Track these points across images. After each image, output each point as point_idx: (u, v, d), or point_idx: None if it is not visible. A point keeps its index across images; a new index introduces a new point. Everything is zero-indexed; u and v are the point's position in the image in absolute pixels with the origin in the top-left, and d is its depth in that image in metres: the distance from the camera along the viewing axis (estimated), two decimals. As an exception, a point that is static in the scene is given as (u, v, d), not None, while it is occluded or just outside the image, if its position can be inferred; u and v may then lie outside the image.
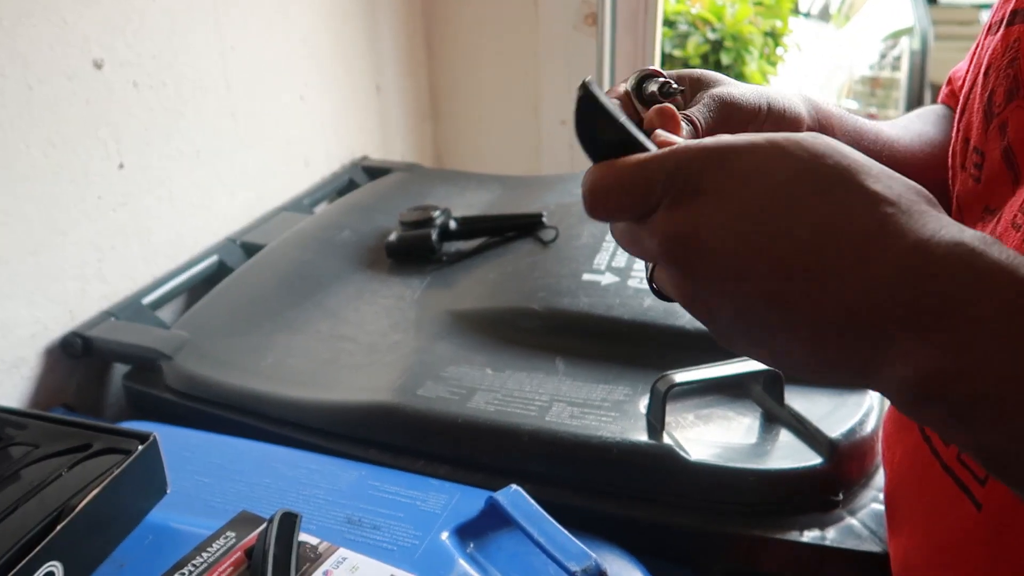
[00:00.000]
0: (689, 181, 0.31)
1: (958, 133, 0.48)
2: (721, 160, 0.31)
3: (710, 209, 0.30)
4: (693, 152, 0.31)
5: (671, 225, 0.31)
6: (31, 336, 0.80)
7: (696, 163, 0.31)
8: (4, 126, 0.75)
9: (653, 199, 0.32)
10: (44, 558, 0.49)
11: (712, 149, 0.31)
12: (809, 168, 0.30)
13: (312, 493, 0.62)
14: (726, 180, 0.30)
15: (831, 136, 0.47)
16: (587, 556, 0.53)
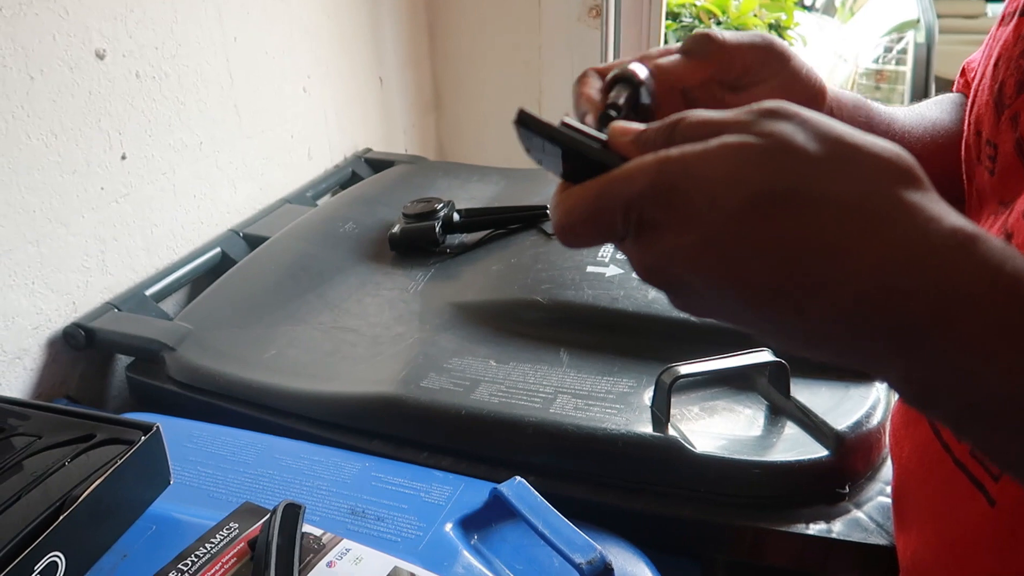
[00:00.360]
0: (644, 215, 0.30)
1: (970, 126, 0.47)
2: (671, 189, 0.29)
3: (672, 242, 0.29)
4: (641, 183, 0.30)
5: (639, 255, 0.31)
6: (34, 327, 0.80)
7: (647, 196, 0.29)
8: (6, 116, 0.74)
9: (617, 234, 0.31)
10: (46, 548, 0.49)
11: (657, 178, 0.29)
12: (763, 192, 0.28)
13: (315, 484, 0.62)
14: (680, 213, 0.29)
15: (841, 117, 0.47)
16: (592, 548, 0.53)
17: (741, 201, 0.28)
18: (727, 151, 0.28)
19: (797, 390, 0.67)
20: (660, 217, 0.29)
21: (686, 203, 0.29)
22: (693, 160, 0.29)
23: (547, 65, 1.50)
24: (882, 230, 0.27)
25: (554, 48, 1.48)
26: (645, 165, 0.30)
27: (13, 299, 0.77)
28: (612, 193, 0.30)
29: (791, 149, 0.28)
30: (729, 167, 0.28)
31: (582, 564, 0.52)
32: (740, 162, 0.28)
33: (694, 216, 0.29)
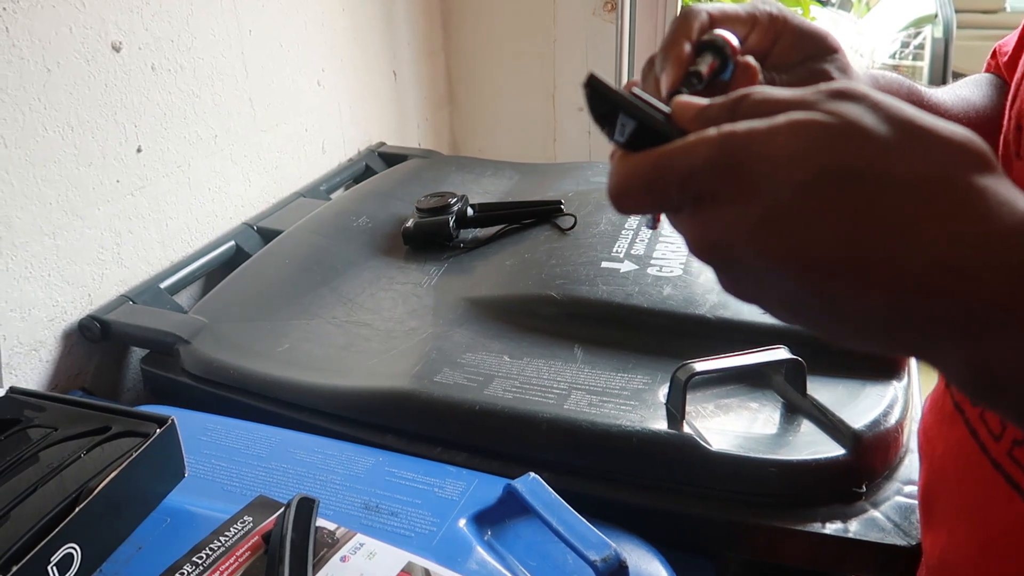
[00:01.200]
0: (702, 186, 0.29)
1: (1010, 120, 0.46)
2: (733, 163, 0.28)
3: (732, 215, 0.29)
4: (702, 155, 0.29)
5: (693, 232, 0.30)
6: (50, 319, 0.81)
7: (707, 168, 0.29)
8: (23, 108, 0.74)
9: (673, 204, 0.30)
10: (62, 540, 0.49)
11: (719, 152, 0.29)
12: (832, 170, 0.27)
13: (329, 479, 0.62)
14: (741, 187, 0.28)
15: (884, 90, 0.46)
16: (607, 545, 0.53)
17: (807, 176, 0.27)
18: (794, 128, 0.28)
19: (814, 388, 0.66)
20: (720, 190, 0.29)
21: (749, 177, 0.28)
22: (758, 135, 0.28)
23: (561, 59, 1.50)
24: (952, 210, 0.26)
25: (568, 42, 1.47)
26: (708, 138, 0.29)
27: (29, 291, 0.78)
28: (672, 162, 0.30)
29: (860, 130, 0.28)
30: (795, 144, 0.28)
31: (597, 561, 0.52)
32: (808, 139, 0.28)
33: (756, 189, 0.28)
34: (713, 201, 0.29)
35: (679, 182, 0.29)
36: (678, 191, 0.30)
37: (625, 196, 0.31)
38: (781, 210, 0.27)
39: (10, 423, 0.59)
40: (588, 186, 1.12)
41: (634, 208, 0.32)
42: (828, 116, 0.28)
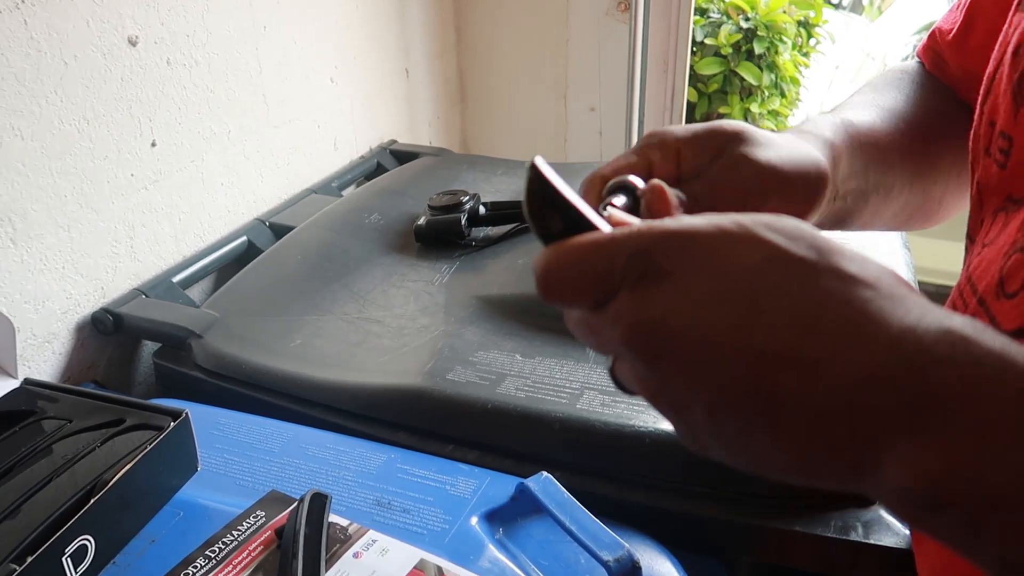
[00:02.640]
0: (653, 263, 0.29)
1: (982, 115, 0.45)
2: (688, 242, 0.29)
3: (678, 293, 0.28)
4: (656, 233, 0.29)
5: (634, 311, 0.29)
6: (63, 312, 0.81)
7: (660, 244, 0.29)
8: (40, 101, 0.75)
9: (613, 283, 0.29)
10: (77, 532, 0.49)
11: (677, 231, 0.29)
12: (781, 251, 0.28)
13: (341, 475, 0.62)
14: (695, 263, 0.28)
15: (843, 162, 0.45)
16: (620, 546, 0.53)
17: (758, 259, 0.28)
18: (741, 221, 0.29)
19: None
20: (672, 266, 0.28)
21: (702, 255, 0.28)
22: (703, 222, 0.29)
23: (573, 59, 1.49)
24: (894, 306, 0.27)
25: (581, 42, 1.47)
26: (663, 222, 0.30)
27: (44, 283, 0.78)
28: (619, 240, 0.29)
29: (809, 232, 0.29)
30: (745, 232, 0.28)
31: (610, 561, 0.52)
32: (756, 229, 0.28)
33: (709, 267, 0.28)
34: (660, 276, 0.28)
35: (627, 254, 0.29)
36: (624, 265, 0.29)
37: (563, 273, 0.30)
38: (732, 289, 0.27)
39: (25, 414, 0.59)
40: (600, 186, 1.11)
41: (568, 287, 0.30)
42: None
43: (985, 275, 0.41)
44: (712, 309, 0.27)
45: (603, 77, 1.49)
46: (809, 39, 2.20)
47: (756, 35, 1.92)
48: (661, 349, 0.29)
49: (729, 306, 0.27)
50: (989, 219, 0.44)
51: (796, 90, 2.08)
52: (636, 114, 1.48)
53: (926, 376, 0.25)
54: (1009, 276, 0.39)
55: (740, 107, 1.99)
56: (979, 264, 0.42)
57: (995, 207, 0.44)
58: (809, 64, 2.18)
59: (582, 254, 0.30)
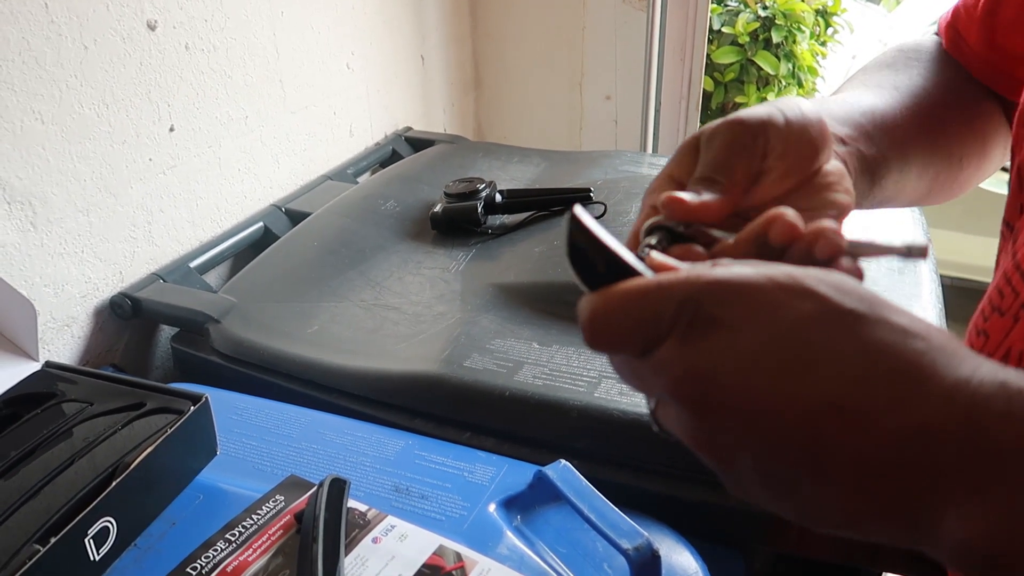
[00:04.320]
0: (701, 312, 0.28)
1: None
2: (739, 292, 0.28)
3: (729, 344, 0.28)
4: (707, 282, 0.29)
5: (683, 361, 0.29)
6: (82, 295, 0.81)
7: (711, 293, 0.28)
8: (60, 85, 0.75)
9: (661, 330, 0.29)
10: (99, 514, 0.50)
11: (728, 281, 0.29)
12: (832, 304, 0.28)
13: (359, 460, 0.62)
14: (745, 313, 0.28)
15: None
16: (639, 534, 0.52)
17: (809, 310, 0.27)
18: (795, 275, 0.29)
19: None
20: (723, 315, 0.28)
21: (753, 305, 0.28)
22: (757, 274, 0.29)
23: (589, 47, 1.49)
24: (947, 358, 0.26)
25: (597, 30, 1.46)
26: (711, 270, 0.29)
27: (63, 267, 0.78)
28: (669, 287, 0.29)
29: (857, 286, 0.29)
30: (797, 284, 0.28)
31: (629, 550, 0.51)
32: (808, 282, 0.28)
33: (761, 318, 0.28)
34: (710, 326, 0.28)
35: (676, 305, 0.29)
36: (674, 312, 0.29)
37: (610, 320, 0.30)
38: (782, 339, 0.27)
39: (46, 397, 0.59)
40: (617, 175, 1.11)
41: (616, 334, 0.30)
42: None
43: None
44: (763, 361, 0.27)
45: (619, 66, 1.48)
46: (827, 28, 2.18)
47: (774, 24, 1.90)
48: (710, 400, 0.28)
49: (780, 358, 0.27)
50: None
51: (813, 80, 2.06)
52: (652, 103, 1.47)
53: (984, 432, 0.25)
54: None
55: (757, 96, 1.98)
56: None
57: None
58: (827, 53, 2.16)
59: (629, 301, 0.30)
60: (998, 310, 0.44)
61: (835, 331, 0.27)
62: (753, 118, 0.39)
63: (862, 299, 0.28)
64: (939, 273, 0.84)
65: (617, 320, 0.30)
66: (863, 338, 0.27)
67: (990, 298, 0.46)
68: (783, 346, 0.27)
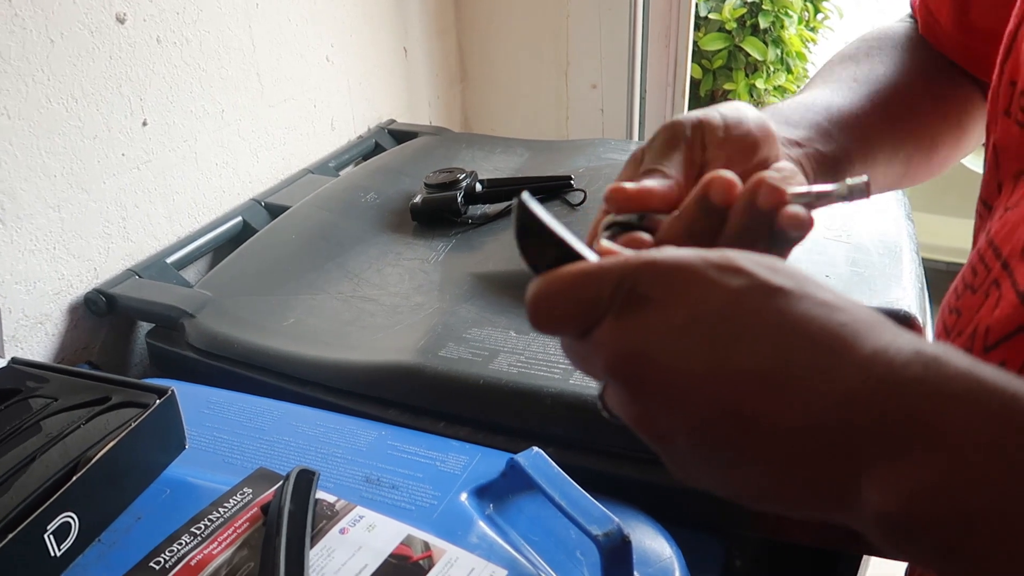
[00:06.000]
0: (635, 292, 0.29)
1: (1001, 75, 0.44)
2: (671, 270, 0.29)
3: (660, 319, 0.29)
4: (642, 262, 0.30)
5: (617, 338, 0.29)
6: (55, 292, 0.80)
7: (645, 273, 0.29)
8: (27, 79, 0.74)
9: (599, 310, 0.30)
10: (59, 509, 0.49)
11: (662, 260, 0.30)
12: (760, 280, 0.28)
13: (330, 452, 0.62)
14: (676, 290, 0.29)
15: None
16: (610, 520, 0.52)
17: (737, 287, 0.28)
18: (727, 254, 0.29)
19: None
20: (655, 293, 0.29)
21: (684, 283, 0.29)
22: (691, 254, 0.30)
23: (574, 35, 1.47)
24: (868, 330, 0.27)
25: (581, 17, 1.45)
26: (646, 252, 0.30)
27: (35, 264, 0.77)
28: (606, 268, 0.30)
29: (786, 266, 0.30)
30: (729, 263, 0.29)
31: (599, 536, 0.51)
32: (737, 260, 0.29)
33: (690, 294, 0.28)
34: (643, 304, 0.29)
35: (612, 285, 0.29)
36: (610, 295, 0.29)
37: (551, 302, 0.31)
38: (710, 315, 0.28)
39: (11, 393, 0.59)
40: (599, 162, 1.10)
41: (557, 315, 0.31)
42: None
43: (1010, 238, 0.40)
44: (690, 336, 0.28)
45: (604, 53, 1.47)
46: (816, 14, 2.16)
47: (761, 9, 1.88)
48: (641, 377, 0.29)
49: (707, 333, 0.28)
50: (1010, 182, 0.43)
51: (803, 65, 2.04)
52: (637, 91, 1.46)
53: (898, 397, 0.25)
54: None
55: (745, 83, 1.97)
56: (1003, 227, 0.42)
57: (1016, 170, 0.42)
58: (817, 40, 2.15)
59: (569, 283, 0.30)
60: (971, 287, 0.43)
61: (761, 305, 0.28)
62: (690, 116, 0.41)
63: (790, 277, 0.29)
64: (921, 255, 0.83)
65: (557, 302, 0.31)
66: (788, 311, 0.28)
67: (963, 276, 0.45)
68: (711, 321, 0.28)
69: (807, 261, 0.78)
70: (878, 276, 0.74)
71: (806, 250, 0.80)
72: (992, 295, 0.41)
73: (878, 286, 0.71)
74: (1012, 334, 0.38)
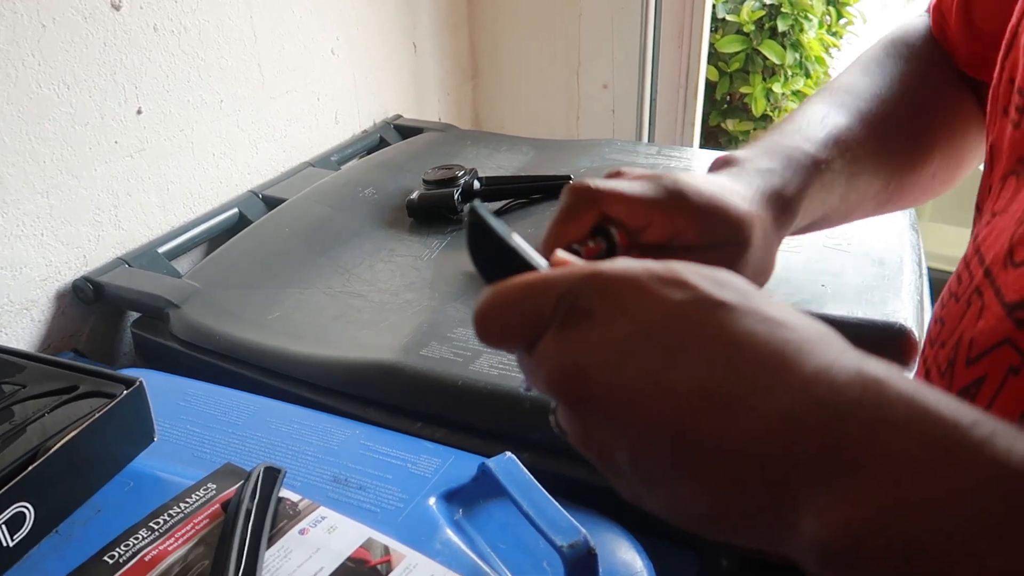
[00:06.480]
0: (577, 305, 0.28)
1: (1002, 73, 0.42)
2: (613, 283, 0.28)
3: (600, 334, 0.27)
4: (584, 275, 0.29)
5: (557, 351, 0.28)
6: (42, 279, 0.80)
7: (588, 286, 0.28)
8: (16, 64, 0.73)
9: (541, 323, 0.29)
10: (13, 499, 0.48)
11: (604, 272, 0.28)
12: (703, 294, 0.27)
13: (302, 449, 0.61)
14: (618, 304, 0.28)
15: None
16: (576, 531, 0.50)
17: (679, 301, 0.27)
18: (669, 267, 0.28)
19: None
20: (596, 307, 0.28)
21: (625, 296, 0.28)
22: (636, 266, 0.29)
23: (586, 35, 1.45)
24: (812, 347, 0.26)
25: (594, 17, 1.43)
26: (589, 264, 0.30)
27: (21, 249, 0.77)
28: (550, 280, 0.29)
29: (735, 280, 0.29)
30: (669, 275, 0.28)
31: (563, 547, 0.49)
32: (684, 274, 0.28)
33: (631, 309, 0.27)
34: (584, 318, 0.28)
35: (558, 294, 0.29)
36: (552, 309, 0.29)
37: (496, 313, 0.30)
38: (650, 330, 0.27)
39: (-21, 379, 0.58)
40: (603, 163, 1.08)
41: (501, 329, 0.30)
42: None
43: (995, 244, 0.39)
44: (630, 351, 0.27)
45: (616, 53, 1.44)
46: (839, 19, 2.12)
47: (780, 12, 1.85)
48: (581, 393, 0.28)
49: (646, 348, 0.27)
50: (998, 185, 0.42)
51: (823, 70, 2.01)
52: (648, 92, 1.44)
53: (834, 422, 0.24)
54: (1019, 244, 0.36)
55: (762, 87, 1.93)
56: (989, 233, 0.40)
57: (1005, 171, 0.41)
58: (840, 45, 2.11)
59: (514, 294, 0.29)
60: (955, 296, 0.42)
61: (704, 320, 0.27)
62: None
63: (736, 291, 0.28)
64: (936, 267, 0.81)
65: (501, 314, 0.30)
66: (731, 327, 0.26)
67: (949, 285, 0.44)
68: (651, 336, 0.27)
69: (803, 269, 0.75)
70: (876, 287, 0.71)
71: (804, 258, 0.78)
72: (974, 304, 0.39)
73: (875, 297, 0.69)
74: (994, 347, 0.36)
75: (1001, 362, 0.36)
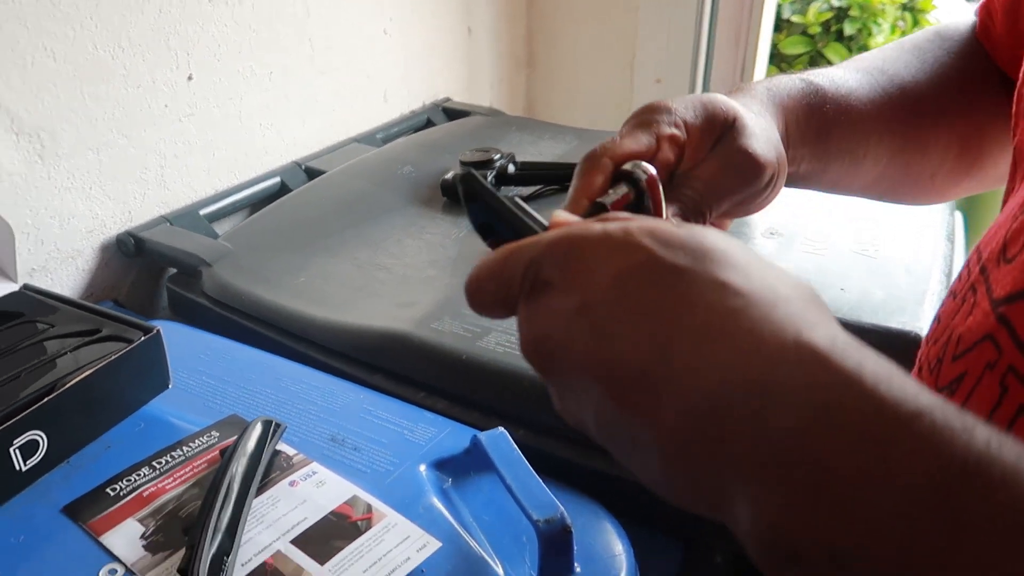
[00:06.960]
0: (540, 274, 0.29)
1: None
2: (569, 251, 0.29)
3: (558, 304, 0.28)
4: (546, 243, 0.29)
5: (526, 321, 0.30)
6: (88, 231, 0.84)
7: (548, 255, 0.29)
8: (75, 24, 0.77)
9: (512, 294, 0.30)
10: (27, 426, 0.51)
11: (563, 239, 0.29)
12: (653, 258, 0.27)
13: (305, 408, 0.63)
14: (572, 273, 0.28)
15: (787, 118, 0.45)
16: (554, 507, 0.51)
17: (626, 267, 0.27)
18: (626, 228, 0.28)
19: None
20: (554, 276, 0.29)
21: (578, 266, 0.28)
22: (595, 228, 0.29)
23: (642, 28, 1.44)
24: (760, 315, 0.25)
25: (650, 11, 1.42)
26: (555, 231, 0.30)
27: (70, 200, 0.81)
28: (520, 250, 0.30)
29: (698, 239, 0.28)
30: (624, 238, 0.28)
31: (540, 521, 0.50)
32: (637, 236, 0.28)
33: (579, 278, 0.28)
34: (545, 288, 0.29)
35: (524, 267, 0.29)
36: (521, 277, 0.29)
37: (476, 284, 0.31)
38: (596, 299, 0.27)
39: (13, 315, 0.62)
40: (642, 156, 1.08)
41: (484, 298, 0.31)
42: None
43: (992, 241, 0.39)
44: (579, 323, 0.27)
45: (671, 49, 1.43)
46: (914, 25, 2.05)
47: (848, 15, 1.80)
48: (546, 364, 0.29)
49: (592, 321, 0.27)
50: (1019, 185, 0.41)
51: (891, 78, 1.95)
52: (700, 90, 1.42)
53: (764, 406, 0.23)
54: (1012, 240, 0.36)
55: (826, 92, 1.88)
56: (988, 231, 0.40)
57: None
58: (912, 53, 2.04)
59: (494, 263, 0.30)
60: (953, 294, 0.42)
61: (647, 287, 0.27)
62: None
63: (692, 253, 0.27)
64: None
65: (479, 286, 0.31)
66: (674, 296, 0.26)
67: (951, 284, 0.43)
68: (597, 308, 0.27)
69: (825, 272, 0.74)
70: (897, 295, 0.70)
71: (828, 259, 0.77)
72: (968, 301, 0.39)
73: (892, 306, 0.68)
74: (977, 343, 0.36)
75: (981, 358, 0.35)
